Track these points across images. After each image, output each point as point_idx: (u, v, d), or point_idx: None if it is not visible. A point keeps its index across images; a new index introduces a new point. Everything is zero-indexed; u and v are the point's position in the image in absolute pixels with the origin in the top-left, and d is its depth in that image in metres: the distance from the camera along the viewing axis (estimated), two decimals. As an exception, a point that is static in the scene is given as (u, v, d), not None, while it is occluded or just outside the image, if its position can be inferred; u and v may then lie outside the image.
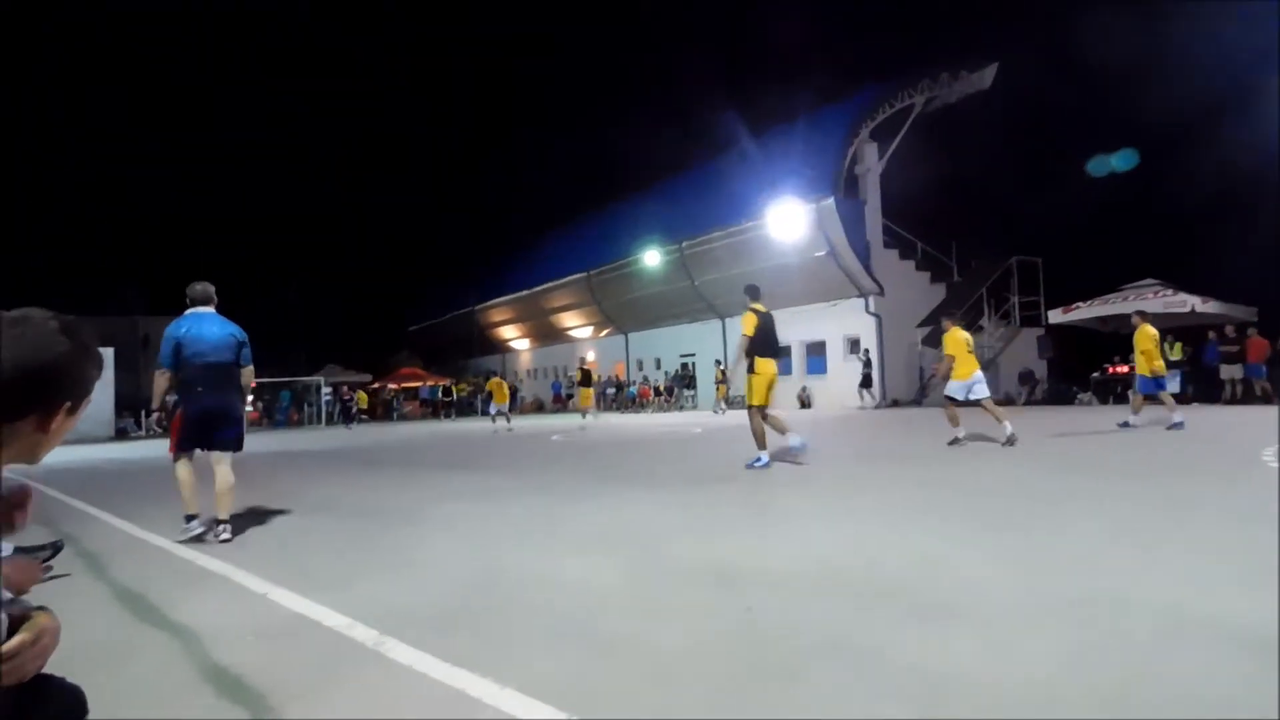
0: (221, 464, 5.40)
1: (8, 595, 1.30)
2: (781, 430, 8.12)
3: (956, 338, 10.12)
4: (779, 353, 8.12)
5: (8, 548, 1.48)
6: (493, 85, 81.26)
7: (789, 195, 25.00)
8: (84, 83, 64.51)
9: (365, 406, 31.48)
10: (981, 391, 10.01)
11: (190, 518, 5.27)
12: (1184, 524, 4.53)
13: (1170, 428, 10.63)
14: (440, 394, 37.33)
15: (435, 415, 35.68)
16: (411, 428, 27.39)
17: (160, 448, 12.05)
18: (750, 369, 7.91)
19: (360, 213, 78.61)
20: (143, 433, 27.27)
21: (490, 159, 74.30)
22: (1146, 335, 11.34)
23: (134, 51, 67.33)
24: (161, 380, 5.39)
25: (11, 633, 1.21)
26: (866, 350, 25.02)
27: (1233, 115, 23.76)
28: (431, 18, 74.60)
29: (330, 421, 33.75)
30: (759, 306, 8.06)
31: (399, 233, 70.44)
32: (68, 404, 1.42)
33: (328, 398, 35.02)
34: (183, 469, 5.38)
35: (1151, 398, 11.63)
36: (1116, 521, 4.64)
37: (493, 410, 23.79)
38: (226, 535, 5.20)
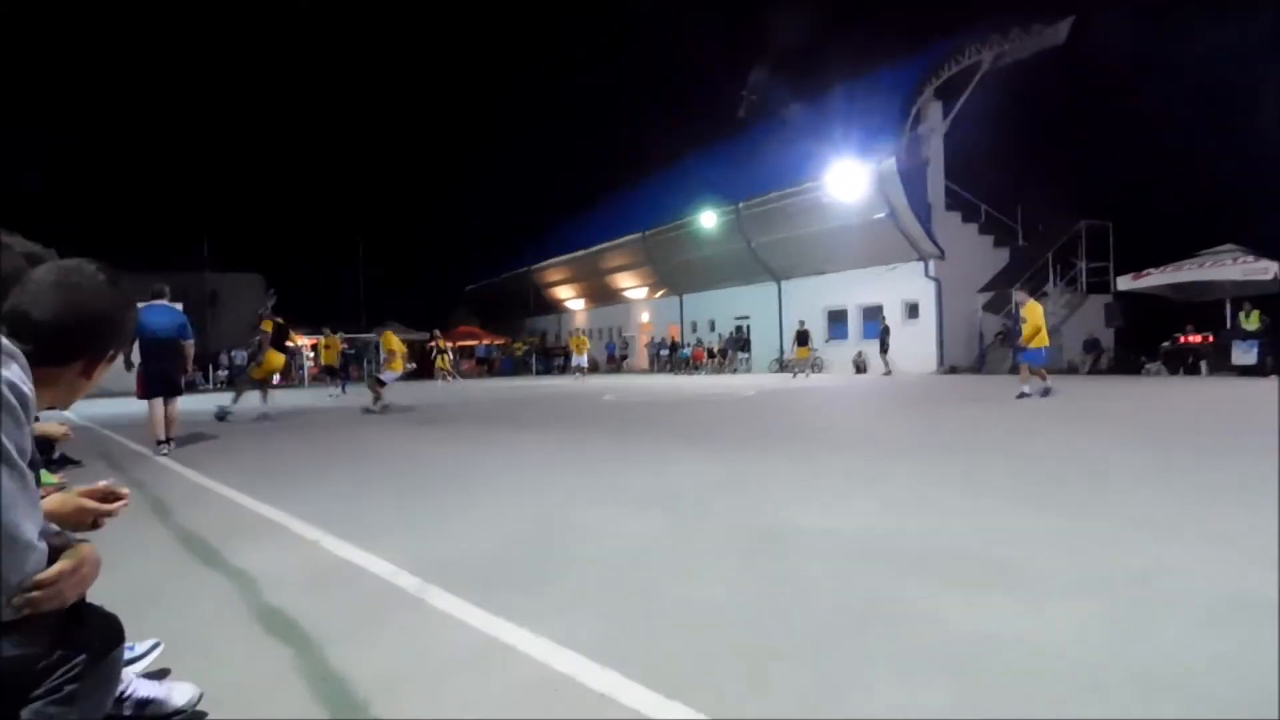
0: (171, 405, 8.21)
1: (53, 527, 1.37)
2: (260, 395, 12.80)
3: (390, 341, 14.49)
4: (286, 350, 12.75)
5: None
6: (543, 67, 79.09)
7: (849, 155, 24.43)
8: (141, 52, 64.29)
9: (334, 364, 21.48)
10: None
11: (160, 441, 8.00)
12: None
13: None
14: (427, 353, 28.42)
15: (421, 374, 28.00)
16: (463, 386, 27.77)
17: (226, 401, 13.16)
18: (260, 359, 12.47)
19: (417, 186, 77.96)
20: (210, 386, 28.05)
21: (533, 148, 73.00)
22: (1036, 311, 12.34)
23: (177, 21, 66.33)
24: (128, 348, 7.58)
25: (52, 561, 1.28)
26: (885, 317, 25.02)
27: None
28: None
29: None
30: (273, 319, 12.57)
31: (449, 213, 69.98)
32: (111, 352, 1.51)
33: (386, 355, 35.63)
34: (154, 408, 8.08)
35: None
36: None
37: (575, 364, 27.68)
38: (169, 449, 7.97)
